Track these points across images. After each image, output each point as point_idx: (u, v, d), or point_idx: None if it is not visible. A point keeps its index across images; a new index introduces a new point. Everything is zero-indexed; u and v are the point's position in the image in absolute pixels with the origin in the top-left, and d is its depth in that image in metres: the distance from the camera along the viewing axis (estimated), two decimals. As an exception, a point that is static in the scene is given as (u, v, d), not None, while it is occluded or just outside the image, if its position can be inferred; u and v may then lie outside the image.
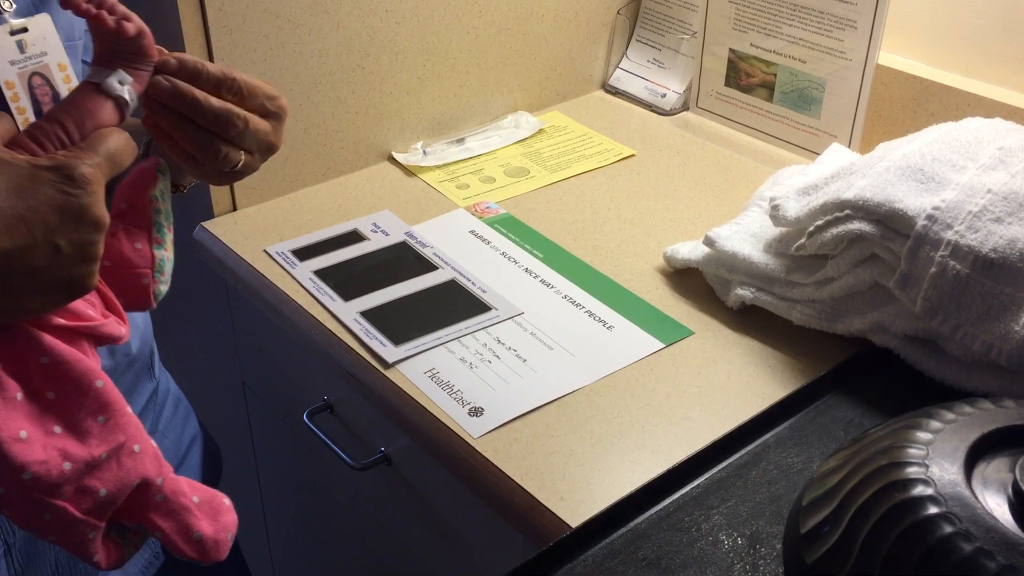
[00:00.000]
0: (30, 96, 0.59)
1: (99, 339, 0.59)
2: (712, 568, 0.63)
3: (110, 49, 0.57)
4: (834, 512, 0.55)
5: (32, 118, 0.59)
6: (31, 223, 0.49)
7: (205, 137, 0.60)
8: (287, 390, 1.03)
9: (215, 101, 0.59)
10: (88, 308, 0.58)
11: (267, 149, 0.64)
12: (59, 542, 0.56)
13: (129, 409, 0.58)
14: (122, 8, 0.57)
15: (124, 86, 0.57)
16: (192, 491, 0.61)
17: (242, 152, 0.62)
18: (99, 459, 0.56)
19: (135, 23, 0.57)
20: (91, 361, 0.57)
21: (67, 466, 0.54)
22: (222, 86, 0.60)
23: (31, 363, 0.54)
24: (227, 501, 0.63)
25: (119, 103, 0.57)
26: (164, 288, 0.64)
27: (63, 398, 0.55)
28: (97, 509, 0.56)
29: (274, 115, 0.63)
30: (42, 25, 0.60)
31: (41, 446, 0.53)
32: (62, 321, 0.56)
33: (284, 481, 1.11)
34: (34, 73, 0.60)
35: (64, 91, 0.61)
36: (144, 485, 0.58)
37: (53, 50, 0.60)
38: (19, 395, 0.54)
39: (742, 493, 0.68)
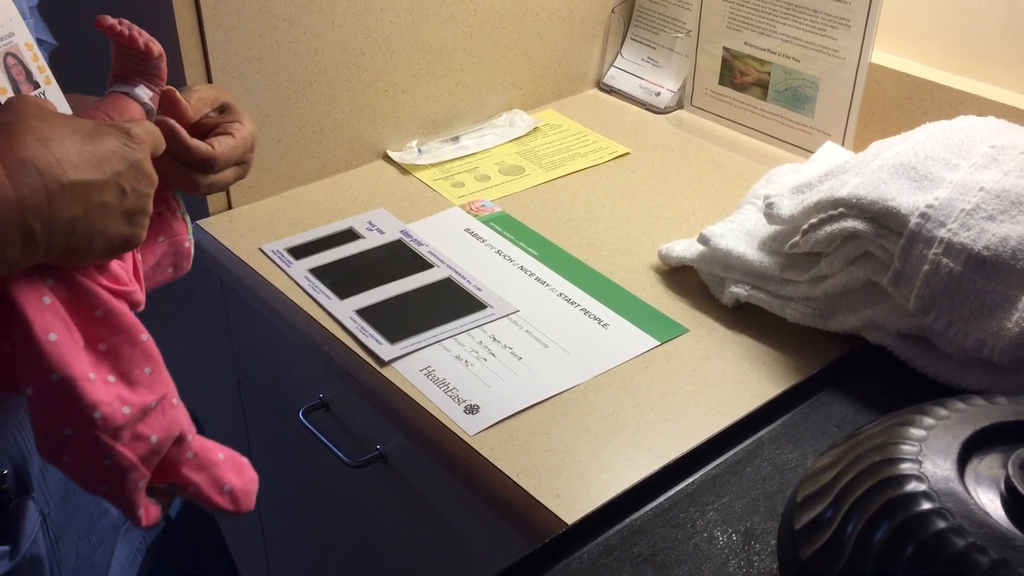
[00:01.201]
0: (7, 75, 0.61)
1: (129, 304, 0.63)
2: (707, 564, 0.63)
3: (132, 67, 0.64)
4: (828, 508, 0.56)
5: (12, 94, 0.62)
6: (103, 163, 0.56)
7: (185, 171, 0.67)
8: (283, 388, 1.04)
9: (194, 144, 0.66)
10: (124, 274, 0.62)
11: (240, 175, 0.70)
12: (110, 493, 0.60)
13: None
14: (145, 32, 0.63)
15: (147, 96, 0.64)
16: (216, 449, 0.66)
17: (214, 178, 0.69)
18: (150, 406, 0.60)
19: (158, 46, 0.64)
20: (134, 317, 0.61)
21: (126, 410, 0.58)
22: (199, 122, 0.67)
23: (88, 315, 0.58)
24: (245, 459, 0.68)
25: (146, 109, 0.64)
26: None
27: (115, 349, 0.59)
28: (148, 456, 0.60)
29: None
30: (5, 7, 0.61)
31: (104, 390, 0.57)
32: (107, 283, 0.60)
33: (280, 479, 1.11)
34: (7, 54, 0.61)
35: (34, 69, 0.62)
36: (180, 439, 0.63)
37: (19, 30, 0.62)
38: (81, 343, 0.58)
39: (737, 490, 0.69)
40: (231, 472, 0.66)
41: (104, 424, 0.57)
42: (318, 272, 0.94)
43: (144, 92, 0.65)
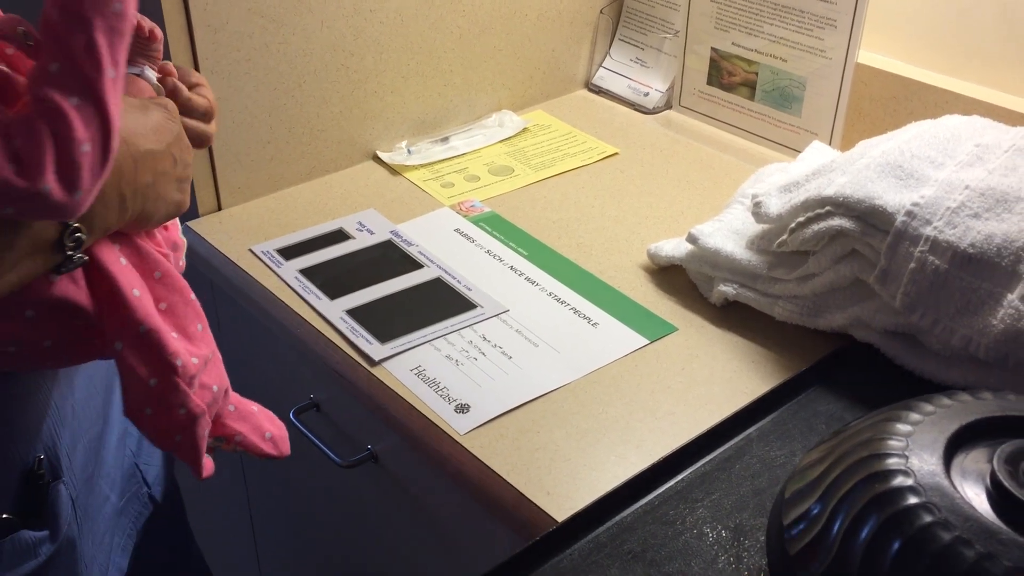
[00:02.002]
0: None
1: None
2: (697, 560, 0.63)
3: (136, 50, 0.66)
4: (816, 503, 0.56)
5: None
6: (160, 135, 0.62)
7: (196, 125, 0.71)
8: (273, 389, 1.04)
9: (196, 98, 0.71)
10: (164, 241, 0.68)
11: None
12: (183, 443, 0.65)
13: None
14: (146, 18, 0.67)
15: (154, 76, 0.68)
16: (250, 402, 0.73)
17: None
18: (207, 358, 0.66)
19: (159, 30, 0.68)
20: (183, 279, 0.67)
21: (195, 360, 0.64)
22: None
23: (149, 276, 0.63)
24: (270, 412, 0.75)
25: (154, 88, 0.67)
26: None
27: (172, 308, 0.64)
28: (211, 404, 0.66)
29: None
30: None
31: (176, 342, 0.63)
32: (158, 248, 0.66)
33: (271, 480, 1.12)
34: None
35: None
36: (225, 392, 0.68)
37: None
38: (152, 301, 0.63)
39: (726, 486, 0.69)
40: (266, 421, 0.73)
41: (183, 372, 0.63)
42: (308, 272, 0.95)
43: (151, 73, 0.68)
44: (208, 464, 0.69)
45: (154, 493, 0.86)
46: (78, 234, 0.56)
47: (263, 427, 0.73)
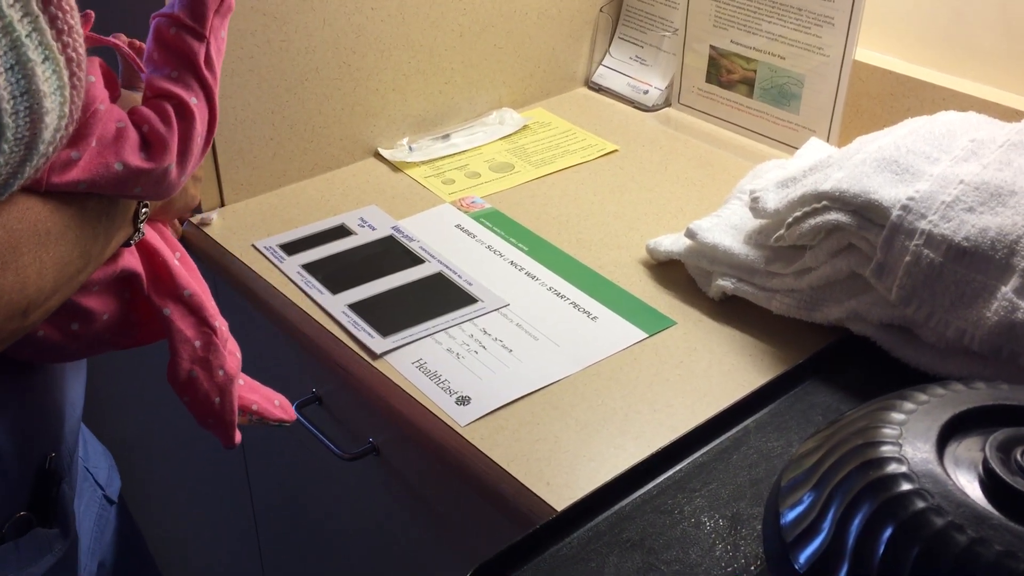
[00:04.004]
0: None
1: None
2: (695, 548, 0.64)
3: (133, 75, 0.72)
4: (811, 491, 0.57)
5: None
6: None
7: None
8: (276, 383, 1.04)
9: None
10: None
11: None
12: (220, 407, 0.71)
13: None
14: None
15: None
16: (251, 378, 0.79)
17: None
18: (227, 331, 0.73)
19: None
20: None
21: (222, 326, 0.72)
22: None
23: (172, 255, 0.70)
24: None
25: None
26: None
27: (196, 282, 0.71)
28: (237, 372, 0.73)
29: None
30: None
31: (213, 305, 0.71)
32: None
33: (273, 473, 1.12)
34: None
35: None
36: (239, 364, 0.75)
37: None
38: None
39: (723, 476, 0.70)
40: (271, 391, 0.80)
41: (221, 334, 0.71)
42: (311, 268, 0.95)
43: None
44: (238, 433, 0.75)
45: (108, 495, 0.87)
46: (145, 209, 0.64)
47: (270, 395, 0.80)
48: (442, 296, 0.92)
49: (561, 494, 0.71)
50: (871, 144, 0.85)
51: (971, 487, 0.54)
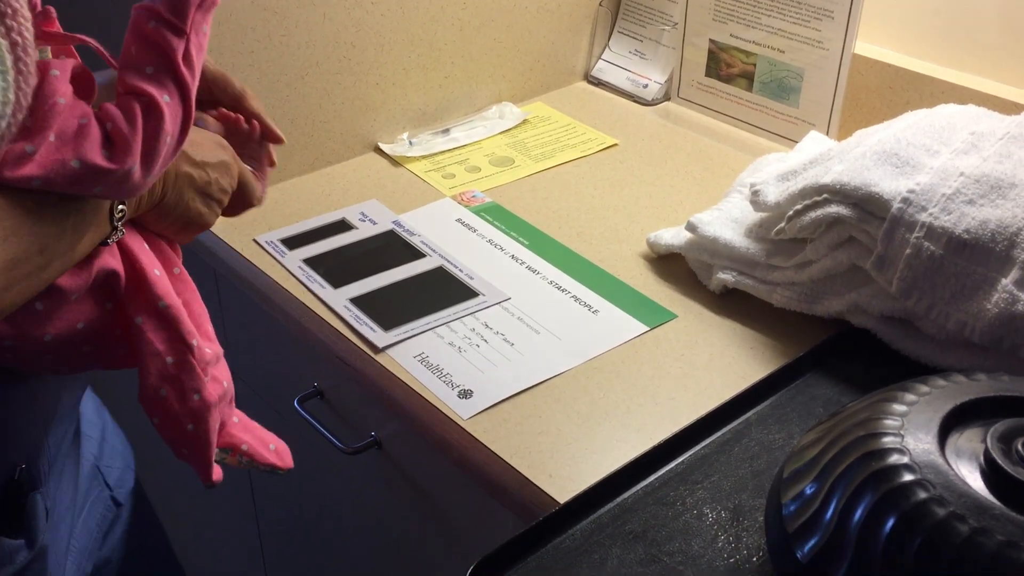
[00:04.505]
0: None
1: None
2: (697, 540, 0.65)
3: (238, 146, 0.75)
4: (813, 482, 0.57)
5: None
6: (205, 147, 0.68)
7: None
8: (277, 377, 1.05)
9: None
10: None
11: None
12: (193, 435, 0.67)
13: None
14: (259, 119, 0.77)
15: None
16: (249, 418, 0.75)
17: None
18: (219, 355, 0.70)
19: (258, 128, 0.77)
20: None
21: (208, 351, 0.67)
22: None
23: (170, 270, 0.68)
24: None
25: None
26: None
27: (188, 303, 0.68)
28: (220, 400, 0.69)
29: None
30: None
31: (191, 323, 0.67)
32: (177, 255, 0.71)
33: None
34: None
35: None
36: (231, 399, 0.71)
37: None
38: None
39: (725, 468, 0.70)
40: (267, 434, 0.75)
41: (199, 355, 0.66)
42: (312, 262, 0.96)
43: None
44: (217, 470, 0.71)
45: (117, 496, 0.86)
46: (121, 207, 0.62)
47: (266, 439, 0.75)
48: (443, 290, 0.92)
49: (563, 487, 0.71)
50: (871, 137, 0.85)
51: (972, 478, 0.54)
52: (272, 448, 0.75)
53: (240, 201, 0.74)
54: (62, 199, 0.56)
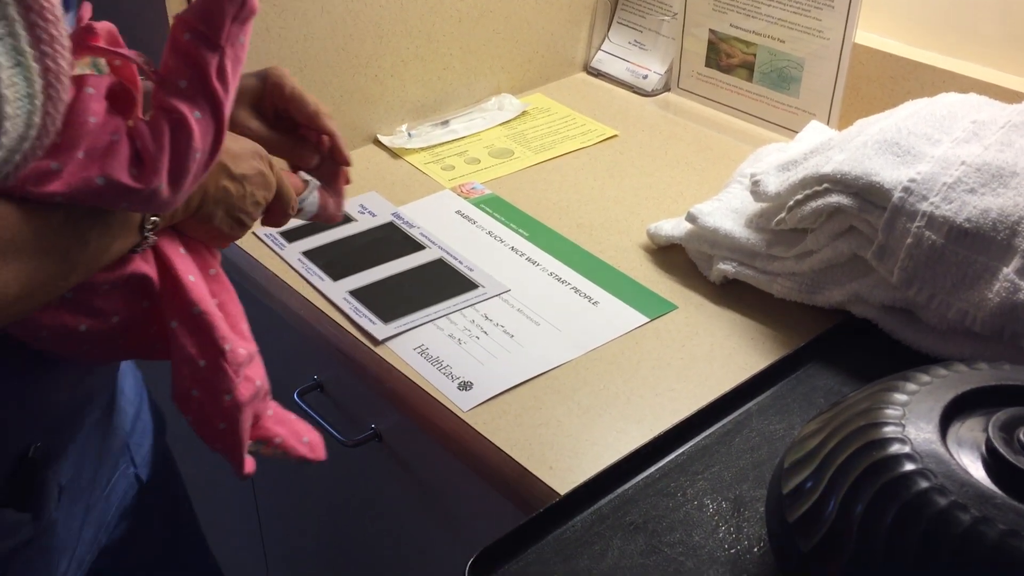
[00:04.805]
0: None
1: None
2: (698, 531, 0.64)
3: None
4: (814, 472, 0.57)
5: None
6: (242, 159, 0.67)
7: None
8: (277, 370, 1.04)
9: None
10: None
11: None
12: (226, 432, 0.68)
13: None
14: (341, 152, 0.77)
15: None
16: (286, 410, 0.75)
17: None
18: (253, 353, 0.70)
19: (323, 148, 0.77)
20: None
21: (242, 351, 0.68)
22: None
23: (205, 271, 0.67)
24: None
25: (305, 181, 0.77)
26: None
27: (224, 305, 0.68)
28: (253, 399, 0.69)
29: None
30: None
31: (225, 327, 0.67)
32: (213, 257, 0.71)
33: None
34: None
35: None
36: (265, 394, 0.72)
37: None
38: (208, 291, 0.67)
39: (726, 459, 0.70)
40: (302, 427, 0.75)
41: (231, 358, 0.66)
42: (311, 254, 0.95)
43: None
44: (250, 462, 0.71)
45: (140, 473, 0.87)
46: (154, 218, 0.61)
47: (300, 431, 0.76)
48: (443, 282, 0.92)
49: (564, 478, 0.71)
50: (872, 126, 0.85)
51: (974, 467, 0.54)
52: (305, 440, 0.75)
53: (279, 210, 0.73)
54: (87, 209, 0.56)
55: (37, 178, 0.52)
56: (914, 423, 0.55)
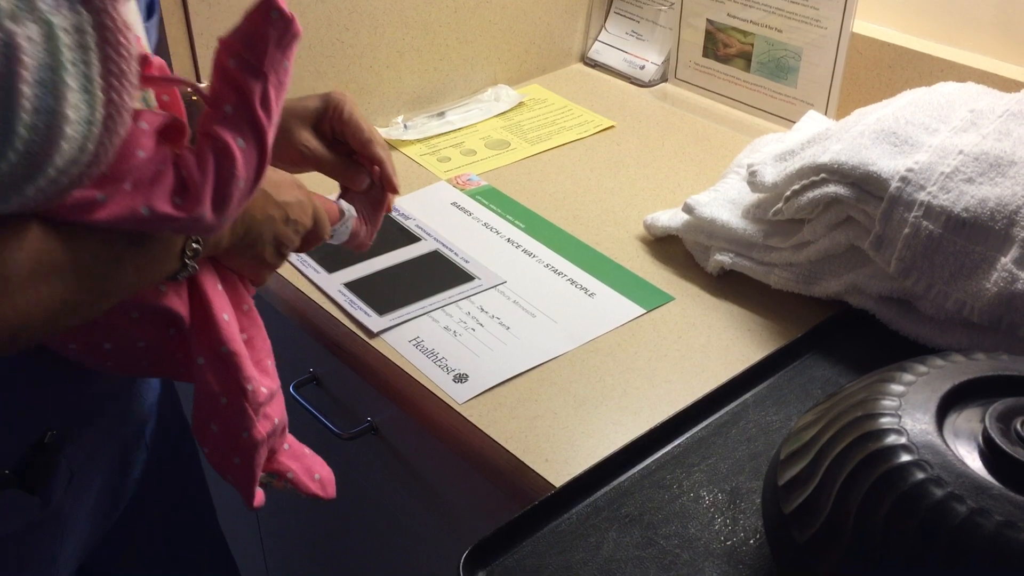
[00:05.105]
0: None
1: None
2: (693, 523, 0.64)
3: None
4: (810, 464, 0.57)
5: None
6: (284, 188, 0.68)
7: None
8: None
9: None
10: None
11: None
12: (240, 466, 0.69)
13: None
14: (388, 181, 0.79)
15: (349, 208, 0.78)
16: (302, 445, 0.76)
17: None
18: (274, 391, 0.70)
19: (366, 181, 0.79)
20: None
21: (263, 390, 0.68)
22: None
23: (238, 307, 0.68)
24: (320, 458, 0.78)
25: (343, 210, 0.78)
26: None
27: (252, 340, 0.69)
28: (270, 436, 0.69)
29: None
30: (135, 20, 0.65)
31: (251, 368, 0.67)
32: (248, 291, 0.71)
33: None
34: None
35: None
36: (283, 429, 0.72)
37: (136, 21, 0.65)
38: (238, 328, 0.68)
39: (722, 451, 0.70)
40: (316, 463, 0.76)
41: (252, 398, 0.66)
42: (306, 247, 0.95)
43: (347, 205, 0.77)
44: (259, 495, 0.72)
45: (153, 456, 0.88)
46: (195, 246, 0.61)
47: (313, 468, 0.76)
48: (439, 274, 0.91)
49: (560, 470, 0.71)
50: (869, 116, 0.84)
51: (971, 458, 0.54)
52: (317, 478, 0.76)
53: (313, 238, 0.74)
54: (127, 234, 0.56)
55: (82, 207, 0.53)
56: (911, 414, 0.55)
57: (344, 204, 0.77)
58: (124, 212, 0.54)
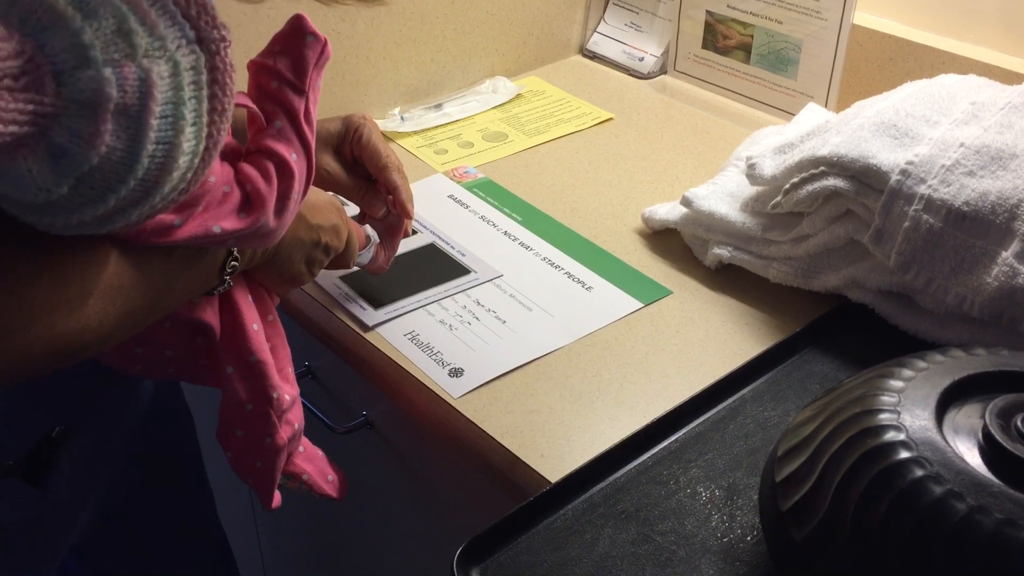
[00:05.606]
0: None
1: None
2: (690, 519, 0.64)
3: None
4: (808, 460, 0.56)
5: None
6: (319, 210, 0.72)
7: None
8: (268, 357, 1.04)
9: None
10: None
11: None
12: (261, 471, 0.71)
13: None
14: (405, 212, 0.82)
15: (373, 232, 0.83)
16: (316, 447, 0.79)
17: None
18: (296, 398, 0.73)
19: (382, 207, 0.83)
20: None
21: (287, 398, 0.71)
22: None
23: (264, 317, 0.70)
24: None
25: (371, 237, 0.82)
26: None
27: (275, 349, 0.71)
28: (290, 441, 0.72)
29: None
30: None
31: (277, 377, 0.70)
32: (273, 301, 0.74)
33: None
34: None
35: None
36: (300, 433, 0.74)
37: None
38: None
39: (720, 447, 0.69)
40: (329, 465, 0.79)
41: (277, 406, 0.69)
42: (301, 240, 0.94)
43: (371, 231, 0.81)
44: (277, 496, 0.74)
45: (152, 447, 0.88)
46: (234, 263, 0.64)
47: (326, 470, 0.79)
48: (435, 267, 0.90)
49: (555, 466, 0.70)
50: (869, 108, 0.83)
51: (970, 454, 0.53)
52: (330, 479, 0.79)
53: (341, 260, 0.76)
54: (183, 255, 0.59)
55: (160, 231, 0.56)
56: (910, 410, 0.54)
57: (369, 230, 0.80)
58: (197, 231, 0.57)
